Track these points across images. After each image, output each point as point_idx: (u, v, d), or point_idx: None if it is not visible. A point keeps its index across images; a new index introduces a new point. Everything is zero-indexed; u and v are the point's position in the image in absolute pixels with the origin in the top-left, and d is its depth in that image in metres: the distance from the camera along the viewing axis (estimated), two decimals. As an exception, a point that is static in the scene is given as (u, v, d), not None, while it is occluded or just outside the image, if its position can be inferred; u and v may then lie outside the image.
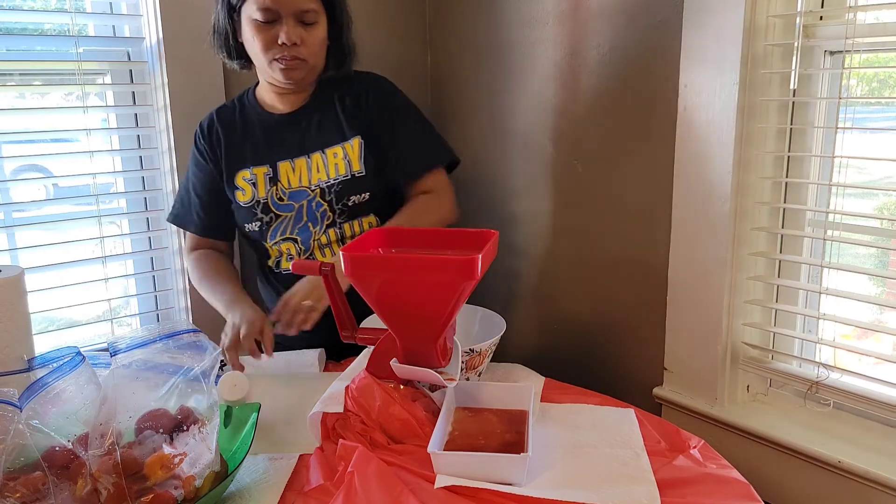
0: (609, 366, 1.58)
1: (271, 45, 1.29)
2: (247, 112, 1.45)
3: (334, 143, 1.39)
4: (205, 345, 0.94)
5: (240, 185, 1.41)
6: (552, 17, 1.56)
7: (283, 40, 1.28)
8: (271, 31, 1.28)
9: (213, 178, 1.45)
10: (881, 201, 1.29)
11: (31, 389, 0.86)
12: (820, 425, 1.27)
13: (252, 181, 1.40)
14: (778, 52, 1.25)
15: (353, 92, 1.42)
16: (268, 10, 1.26)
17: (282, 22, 1.28)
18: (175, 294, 1.69)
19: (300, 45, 1.29)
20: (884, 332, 1.23)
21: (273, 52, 1.30)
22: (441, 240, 1.16)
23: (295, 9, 1.27)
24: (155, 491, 0.83)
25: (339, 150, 1.39)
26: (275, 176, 1.39)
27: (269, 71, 1.34)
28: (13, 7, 1.47)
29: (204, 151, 1.45)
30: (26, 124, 1.55)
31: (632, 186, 1.47)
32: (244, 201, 1.41)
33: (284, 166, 1.39)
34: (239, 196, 1.41)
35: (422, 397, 1.11)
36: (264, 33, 1.29)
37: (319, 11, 1.31)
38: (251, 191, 1.40)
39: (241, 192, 1.41)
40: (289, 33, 1.27)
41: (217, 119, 1.45)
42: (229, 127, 1.44)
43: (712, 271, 1.32)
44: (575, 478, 0.96)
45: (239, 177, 1.41)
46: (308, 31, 1.30)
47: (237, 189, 1.41)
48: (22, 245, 1.49)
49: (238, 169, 1.41)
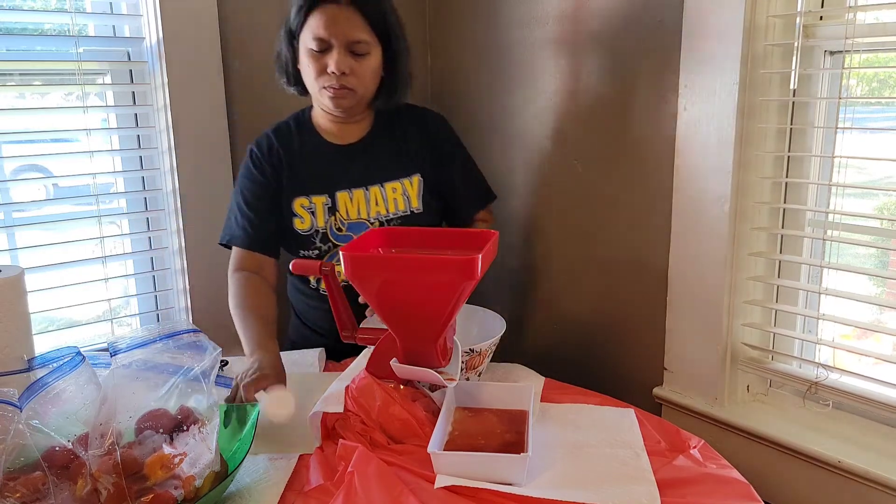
0: (609, 366, 1.58)
1: (322, 73, 1.31)
2: (305, 137, 1.43)
3: (394, 178, 1.41)
4: (205, 345, 0.94)
5: (298, 213, 1.39)
6: (552, 17, 1.56)
7: (332, 69, 1.29)
8: (323, 60, 1.30)
9: (270, 192, 1.41)
10: (881, 201, 1.29)
11: (31, 389, 0.86)
12: (820, 425, 1.27)
13: (311, 209, 1.39)
14: (778, 52, 1.25)
15: (413, 129, 1.44)
16: (320, 39, 1.28)
17: (333, 51, 1.29)
18: (175, 294, 1.69)
19: (349, 74, 1.30)
20: (883, 332, 1.23)
21: (323, 79, 1.31)
22: (441, 240, 1.16)
23: (346, 39, 1.28)
24: (155, 491, 0.84)
25: (399, 185, 1.40)
26: (333, 206, 1.39)
27: (319, 98, 1.36)
28: (13, 7, 1.47)
29: (264, 170, 1.41)
30: (26, 124, 1.55)
31: (632, 186, 1.47)
32: (303, 229, 1.39)
33: (343, 196, 1.39)
34: (297, 223, 1.40)
35: (422, 397, 1.11)
36: (317, 62, 1.30)
37: (372, 43, 1.32)
38: (310, 219, 1.39)
39: (300, 220, 1.39)
40: (338, 63, 1.28)
41: (277, 141, 1.43)
42: (290, 151, 1.42)
43: (712, 271, 1.32)
44: (575, 478, 0.96)
45: (297, 203, 1.39)
46: (359, 61, 1.31)
47: (295, 216, 1.40)
48: (22, 245, 1.49)
49: (297, 195, 1.40)
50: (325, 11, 1.28)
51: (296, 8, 1.32)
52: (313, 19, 1.29)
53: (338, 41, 1.28)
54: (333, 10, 1.28)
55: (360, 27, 1.29)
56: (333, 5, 1.28)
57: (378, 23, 1.31)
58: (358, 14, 1.29)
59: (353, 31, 1.29)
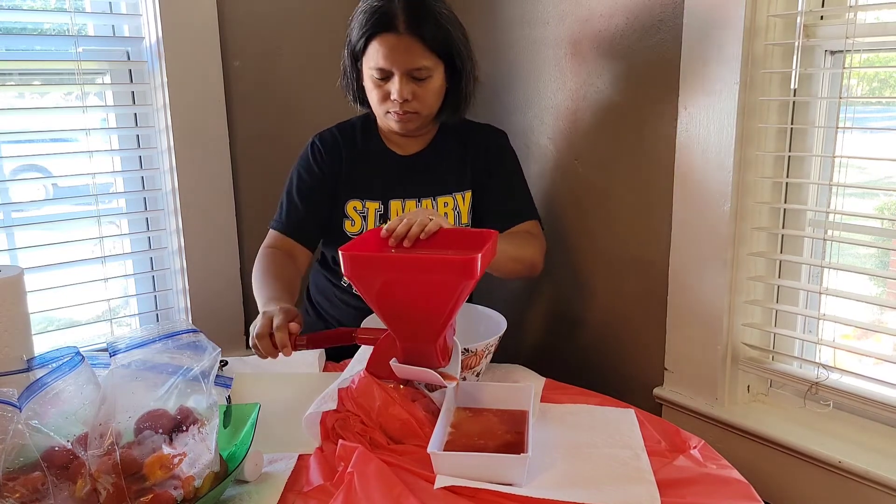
0: (609, 366, 1.58)
1: (385, 99, 1.31)
2: (368, 141, 1.44)
3: (447, 192, 1.41)
4: (204, 345, 0.94)
5: (350, 215, 1.40)
6: (552, 17, 1.56)
7: (395, 97, 1.29)
8: (385, 87, 1.30)
9: (321, 186, 1.41)
10: (881, 201, 1.29)
11: (31, 389, 0.86)
12: (820, 425, 1.27)
13: (363, 214, 1.40)
14: (778, 52, 1.25)
15: (474, 145, 1.44)
16: (381, 69, 1.29)
17: (395, 78, 1.29)
18: (174, 294, 1.69)
19: (412, 99, 1.30)
20: (884, 332, 1.23)
21: (387, 105, 1.32)
22: (441, 240, 1.15)
23: (407, 67, 1.28)
24: (154, 491, 0.83)
25: (451, 200, 1.41)
26: (385, 213, 1.40)
27: (385, 120, 1.37)
28: (13, 7, 1.47)
29: (322, 164, 1.41)
30: (26, 124, 1.55)
31: (632, 186, 1.47)
32: (352, 232, 1.40)
33: (395, 205, 1.40)
34: (347, 225, 1.40)
35: (421, 397, 1.10)
36: (379, 88, 1.31)
37: (433, 66, 1.30)
38: (360, 223, 1.40)
39: (350, 223, 1.40)
40: (400, 90, 1.28)
41: (341, 138, 1.43)
42: (351, 151, 1.42)
43: (712, 271, 1.32)
44: (575, 478, 0.96)
45: (350, 206, 1.40)
46: (421, 85, 1.31)
47: (346, 218, 1.40)
48: (21, 245, 1.49)
49: (351, 197, 1.40)
50: (385, 41, 1.27)
51: (357, 32, 1.30)
52: (373, 48, 1.28)
53: (398, 70, 1.28)
54: (392, 40, 1.27)
55: (420, 54, 1.28)
56: (392, 35, 1.27)
57: (438, 45, 1.29)
58: (417, 41, 1.27)
59: (413, 60, 1.28)
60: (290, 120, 1.75)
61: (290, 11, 1.72)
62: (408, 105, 1.31)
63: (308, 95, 1.77)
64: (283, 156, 1.51)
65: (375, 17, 1.27)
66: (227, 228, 1.68)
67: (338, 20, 1.76)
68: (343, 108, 1.49)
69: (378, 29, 1.27)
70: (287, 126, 1.74)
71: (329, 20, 1.75)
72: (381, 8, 1.27)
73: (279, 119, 1.74)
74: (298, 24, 1.73)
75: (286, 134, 1.72)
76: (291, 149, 1.49)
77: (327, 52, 1.77)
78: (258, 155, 1.71)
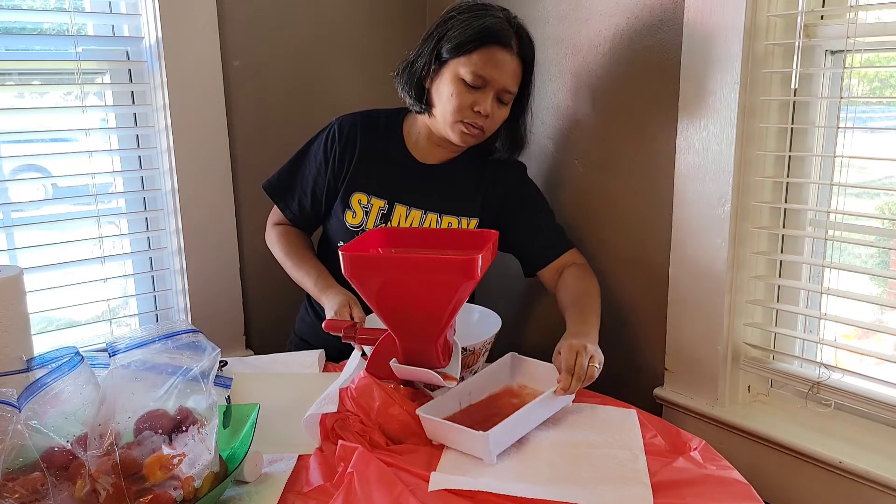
0: (609, 366, 1.56)
1: (465, 108, 1.30)
2: (389, 140, 1.43)
3: (454, 212, 1.40)
4: (204, 345, 0.94)
5: (353, 206, 1.39)
6: (552, 17, 1.56)
7: (479, 110, 1.29)
8: (471, 96, 1.29)
9: (325, 185, 1.42)
10: (882, 201, 1.29)
11: (30, 390, 0.85)
12: (821, 426, 1.27)
13: (366, 209, 1.39)
14: (779, 52, 1.25)
15: (490, 178, 1.43)
16: (479, 77, 1.28)
17: (484, 91, 1.29)
18: (174, 294, 1.69)
19: (488, 118, 1.31)
20: (885, 332, 1.23)
21: (463, 114, 1.30)
22: (441, 240, 1.16)
23: (502, 86, 1.29)
24: (154, 491, 0.83)
25: (455, 221, 1.40)
26: (388, 214, 1.39)
27: (447, 128, 1.34)
28: (12, 6, 1.46)
29: (331, 154, 1.41)
30: (25, 124, 1.55)
31: (632, 186, 1.47)
32: (352, 224, 1.39)
33: (400, 210, 1.39)
34: (348, 216, 1.39)
35: (422, 397, 1.11)
36: (464, 96, 1.29)
37: (513, 96, 1.34)
38: (362, 217, 1.39)
39: (352, 214, 1.39)
40: (487, 106, 1.29)
41: (361, 129, 1.42)
42: (368, 144, 1.41)
43: (713, 271, 1.32)
44: (570, 478, 0.96)
45: (355, 198, 1.39)
46: (499, 108, 1.33)
47: (348, 208, 1.39)
48: (21, 245, 1.49)
49: (357, 189, 1.39)
50: (496, 53, 1.27)
51: (465, 33, 1.28)
52: (480, 55, 1.27)
53: (495, 86, 1.29)
54: (504, 55, 1.27)
55: (516, 78, 1.31)
56: (506, 51, 1.27)
57: (527, 79, 1.34)
58: (520, 66, 1.30)
59: (511, 81, 1.30)
60: (290, 120, 1.75)
61: (290, 11, 1.71)
62: (483, 121, 1.31)
63: (308, 95, 1.77)
64: (283, 156, 1.51)
65: (494, 28, 1.27)
66: (226, 228, 1.68)
67: (338, 20, 1.77)
68: (343, 109, 1.49)
69: (494, 40, 1.27)
70: (287, 126, 1.74)
71: (329, 20, 1.75)
72: (499, 23, 1.28)
73: (279, 119, 1.73)
74: (298, 24, 1.73)
75: (286, 134, 1.72)
76: (292, 149, 1.49)
77: (327, 52, 1.77)
78: (258, 155, 1.71)
